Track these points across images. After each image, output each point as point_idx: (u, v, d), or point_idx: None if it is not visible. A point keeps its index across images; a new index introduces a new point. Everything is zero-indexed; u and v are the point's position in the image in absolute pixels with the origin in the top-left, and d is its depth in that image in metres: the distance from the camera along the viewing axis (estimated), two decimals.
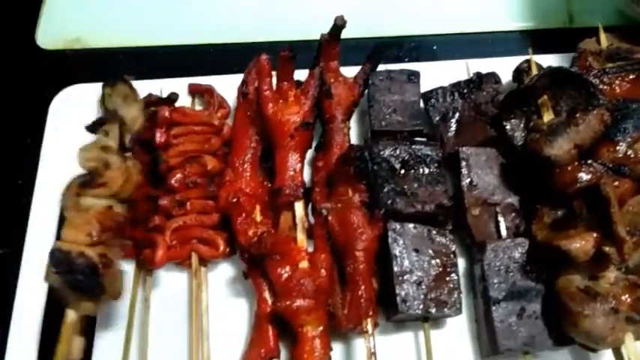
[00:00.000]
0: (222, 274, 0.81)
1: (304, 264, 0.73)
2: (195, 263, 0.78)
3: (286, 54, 0.78)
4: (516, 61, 0.88)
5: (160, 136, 0.80)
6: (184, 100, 0.92)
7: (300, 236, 0.75)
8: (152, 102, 0.85)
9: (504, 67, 0.89)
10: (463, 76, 0.89)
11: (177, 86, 0.91)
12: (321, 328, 0.70)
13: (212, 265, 0.81)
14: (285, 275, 0.72)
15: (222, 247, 0.78)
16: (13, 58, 1.03)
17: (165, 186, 0.79)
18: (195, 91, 0.92)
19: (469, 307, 0.78)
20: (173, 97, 0.85)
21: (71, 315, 0.69)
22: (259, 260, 0.73)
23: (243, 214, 0.76)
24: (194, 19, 1.02)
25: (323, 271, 0.72)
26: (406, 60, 0.98)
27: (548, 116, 0.76)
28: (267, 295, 0.74)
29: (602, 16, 0.95)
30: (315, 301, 0.71)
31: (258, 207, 0.78)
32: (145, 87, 0.91)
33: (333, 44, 0.85)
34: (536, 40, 0.98)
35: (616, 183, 0.69)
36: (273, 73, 0.82)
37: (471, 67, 0.90)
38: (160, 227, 0.77)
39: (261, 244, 0.70)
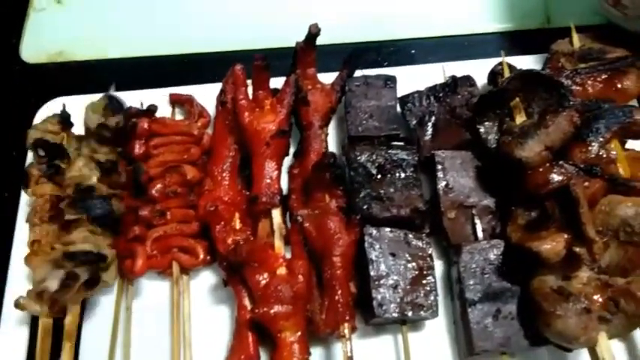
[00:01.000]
0: (204, 282, 0.82)
1: (282, 270, 0.74)
2: (176, 272, 0.79)
3: (259, 63, 0.79)
4: (493, 63, 0.89)
5: (138, 148, 0.82)
6: (165, 110, 0.93)
7: (278, 243, 0.76)
8: (132, 114, 0.86)
9: (481, 70, 0.90)
10: (440, 80, 0.89)
11: (158, 97, 0.93)
12: (299, 333, 0.71)
13: (193, 273, 0.82)
14: (263, 282, 0.73)
15: (202, 256, 0.79)
16: None
17: (145, 196, 0.80)
18: (175, 101, 0.93)
19: (447, 310, 0.78)
20: (152, 109, 0.86)
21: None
22: (238, 268, 0.74)
23: (222, 223, 0.78)
24: (174, 31, 1.04)
25: (300, 277, 0.73)
26: (385, 64, 0.99)
27: (520, 118, 0.76)
28: (246, 301, 0.74)
29: (579, 16, 0.96)
30: (293, 306, 0.71)
31: (237, 215, 0.79)
32: (126, 98, 0.92)
33: (309, 51, 0.86)
34: (514, 41, 0.99)
35: (586, 183, 0.70)
36: (250, 81, 0.83)
37: (447, 71, 0.91)
38: (140, 237, 0.78)
39: (237, 252, 0.71)
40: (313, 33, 0.83)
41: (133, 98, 0.93)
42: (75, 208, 0.77)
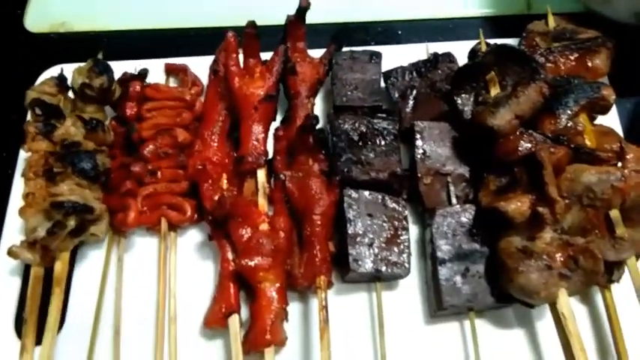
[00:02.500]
0: (191, 239, 0.86)
1: (264, 226, 0.78)
2: (164, 228, 0.83)
3: (251, 30, 0.83)
4: (474, 44, 0.94)
5: (130, 109, 0.86)
6: (160, 80, 0.97)
7: (262, 201, 0.80)
8: (126, 79, 0.91)
9: (463, 50, 0.94)
10: (423, 58, 0.94)
11: (154, 67, 0.97)
12: (278, 284, 0.75)
13: (182, 231, 0.86)
14: (246, 236, 0.77)
15: (189, 213, 0.82)
16: (4, 41, 1.09)
17: (137, 155, 0.84)
18: (170, 70, 0.97)
19: (420, 272, 0.82)
20: (143, 73, 0.91)
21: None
22: (222, 222, 0.77)
23: (210, 181, 0.82)
24: (172, 6, 1.08)
25: (281, 232, 0.77)
26: (372, 43, 1.03)
27: (495, 91, 0.81)
28: (229, 255, 0.78)
29: (558, 3, 1.00)
30: (273, 259, 0.75)
31: (224, 175, 0.83)
32: (123, 67, 0.96)
33: (299, 25, 0.90)
34: (496, 25, 1.04)
35: (552, 149, 0.74)
36: (241, 51, 0.88)
37: (430, 50, 0.95)
38: (132, 191, 0.81)
39: (221, 204, 0.75)
40: (303, 6, 0.88)
41: (129, 67, 0.96)
42: (61, 162, 0.81)
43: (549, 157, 0.72)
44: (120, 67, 0.97)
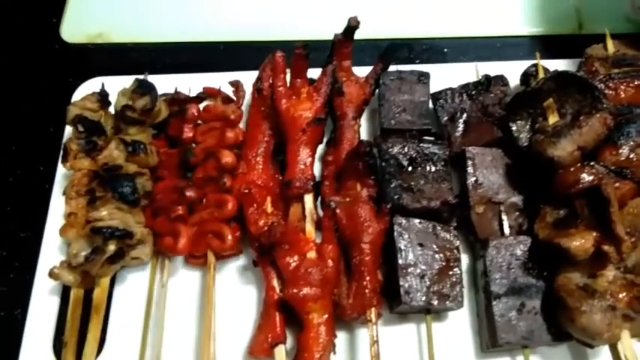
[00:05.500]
0: (232, 264, 0.83)
1: (312, 254, 0.75)
2: (211, 260, 0.79)
3: (300, 51, 0.81)
4: (525, 65, 0.91)
5: (188, 131, 0.84)
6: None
7: (309, 227, 0.78)
8: (179, 100, 0.88)
9: (513, 71, 0.91)
10: (472, 79, 0.91)
11: (192, 81, 0.94)
12: (326, 315, 0.73)
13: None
14: (294, 264, 0.74)
15: (229, 240, 0.78)
16: (40, 51, 1.07)
17: (190, 179, 0.82)
18: (210, 93, 0.94)
19: (471, 302, 0.80)
20: (202, 96, 0.89)
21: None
22: (269, 249, 0.75)
23: (255, 205, 0.79)
24: (212, 18, 1.06)
25: (330, 261, 0.75)
26: (417, 62, 1.00)
27: (553, 118, 0.78)
28: (275, 283, 0.76)
29: (610, 23, 0.97)
30: (322, 289, 0.73)
31: (269, 199, 0.81)
32: (160, 81, 0.93)
33: (346, 44, 0.88)
34: (546, 45, 1.01)
35: (617, 184, 0.71)
36: (288, 70, 0.85)
37: (480, 70, 0.92)
38: (183, 217, 0.79)
39: (271, 233, 0.73)
40: (352, 25, 0.85)
41: (166, 81, 0.94)
42: (102, 186, 0.79)
43: (614, 192, 0.69)
44: (157, 81, 0.94)
